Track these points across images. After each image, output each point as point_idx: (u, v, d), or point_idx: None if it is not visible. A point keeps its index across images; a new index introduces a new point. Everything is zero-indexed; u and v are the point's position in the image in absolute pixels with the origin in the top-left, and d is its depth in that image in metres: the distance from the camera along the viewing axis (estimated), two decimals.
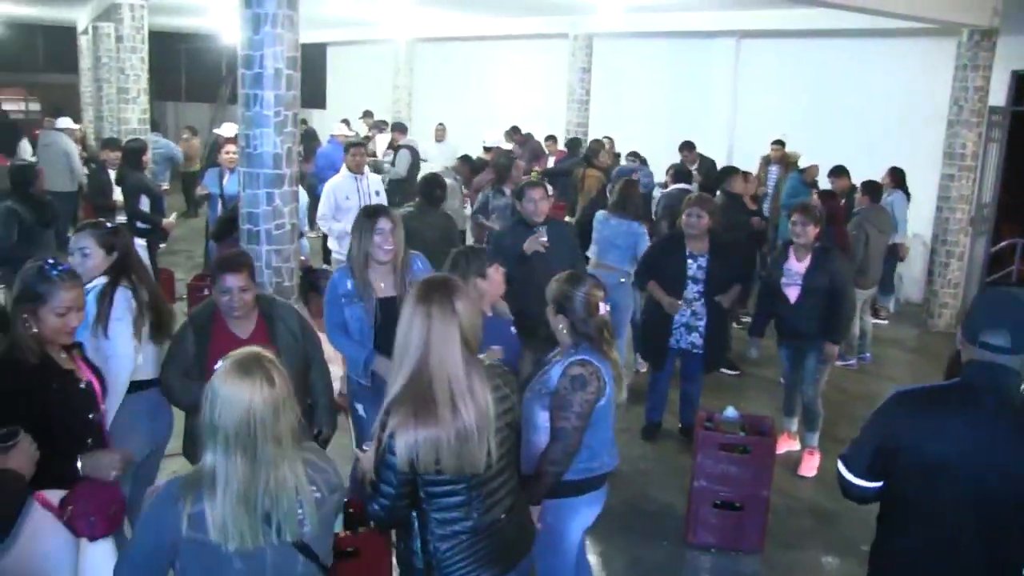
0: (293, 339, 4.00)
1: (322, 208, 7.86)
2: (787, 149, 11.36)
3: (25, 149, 13.64)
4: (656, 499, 5.78)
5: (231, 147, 9.20)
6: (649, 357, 6.70)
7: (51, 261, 3.16)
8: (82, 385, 3.20)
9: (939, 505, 2.72)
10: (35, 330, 3.05)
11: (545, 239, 5.77)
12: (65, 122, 12.84)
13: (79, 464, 3.02)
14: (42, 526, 2.89)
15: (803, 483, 6.07)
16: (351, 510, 3.87)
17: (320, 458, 2.56)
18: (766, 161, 11.54)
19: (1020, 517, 2.65)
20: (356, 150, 8.15)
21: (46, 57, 25.16)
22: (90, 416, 3.18)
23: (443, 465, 2.68)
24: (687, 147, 11.35)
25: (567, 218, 10.30)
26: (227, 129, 11.16)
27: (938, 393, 2.83)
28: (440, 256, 4.80)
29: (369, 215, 4.47)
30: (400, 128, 13.83)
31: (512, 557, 2.94)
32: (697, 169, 10.83)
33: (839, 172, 9.31)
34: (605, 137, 13.38)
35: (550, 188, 7.31)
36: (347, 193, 7.78)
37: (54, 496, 2.91)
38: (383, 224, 4.38)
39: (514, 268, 5.25)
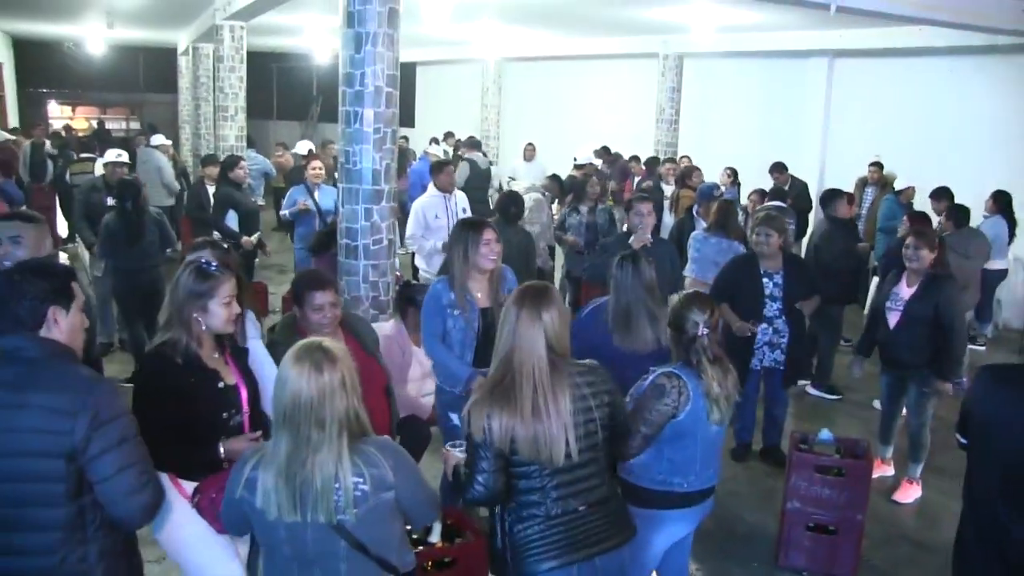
0: (377, 346, 4.18)
1: (411, 228, 7.96)
2: (883, 171, 11.14)
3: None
4: (747, 520, 5.72)
5: (316, 163, 9.46)
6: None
7: (204, 260, 3.41)
8: (221, 385, 3.35)
9: (977, 464, 3.20)
10: (204, 327, 3.29)
11: (649, 237, 6.03)
12: (158, 139, 13.38)
13: (221, 448, 3.23)
14: (177, 510, 3.19)
15: (899, 510, 5.93)
16: (448, 521, 3.92)
17: (387, 455, 2.64)
18: (862, 183, 11.34)
19: None
20: (447, 169, 8.26)
21: (147, 78, 26.17)
22: (224, 415, 3.33)
23: (519, 449, 2.87)
24: (778, 168, 11.21)
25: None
26: (301, 147, 11.46)
27: (1014, 369, 3.29)
28: (518, 271, 4.97)
29: (474, 226, 4.63)
30: (471, 144, 13.85)
31: (591, 549, 3.02)
32: (788, 190, 10.69)
33: (940, 195, 9.00)
34: (684, 157, 13.34)
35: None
36: (436, 212, 7.90)
37: (188, 486, 3.18)
38: (489, 235, 4.54)
39: None
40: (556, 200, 10.14)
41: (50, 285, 2.61)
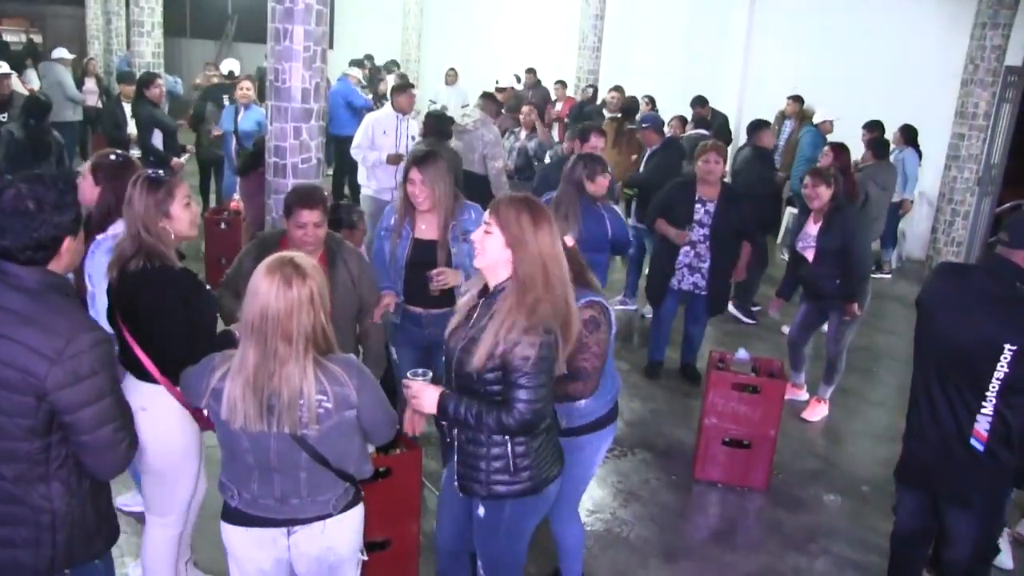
0: (350, 282, 4.10)
1: (357, 138, 8.01)
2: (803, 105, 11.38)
3: (30, 78, 13.53)
4: (666, 435, 5.98)
5: (246, 83, 9.29)
6: (651, 295, 6.86)
7: (150, 172, 3.41)
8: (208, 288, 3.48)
9: (921, 351, 3.66)
10: (173, 234, 3.33)
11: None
12: (60, 52, 12.93)
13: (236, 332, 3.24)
14: (175, 422, 3.35)
15: (808, 427, 6.26)
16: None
17: (352, 375, 2.67)
18: (781, 116, 11.58)
19: (971, 376, 3.39)
20: (410, 92, 8.25)
21: None
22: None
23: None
24: (699, 103, 11.29)
25: None
26: (226, 66, 11.18)
27: (959, 266, 3.99)
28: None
29: (409, 162, 4.54)
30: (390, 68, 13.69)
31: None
32: (711, 121, 10.85)
33: (873, 127, 9.18)
34: (615, 87, 13.41)
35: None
36: (385, 128, 7.92)
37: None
38: (413, 175, 4.40)
39: None
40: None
41: (70, 216, 2.52)
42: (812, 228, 6.11)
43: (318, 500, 2.79)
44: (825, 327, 6.38)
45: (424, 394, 2.95)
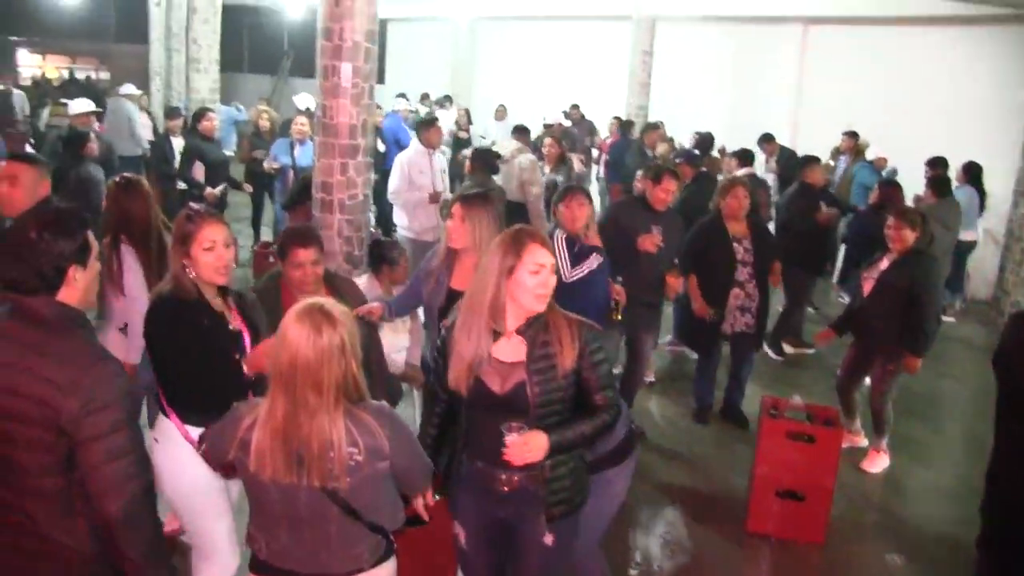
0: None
1: (394, 182, 7.87)
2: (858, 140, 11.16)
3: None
4: (715, 484, 5.75)
5: (301, 119, 9.36)
6: (699, 342, 6.64)
7: (193, 206, 3.37)
8: (231, 327, 3.33)
9: (1005, 414, 3.36)
10: (192, 274, 3.24)
11: (659, 239, 5.79)
12: (128, 88, 13.22)
13: (244, 365, 3.25)
14: (185, 456, 3.21)
15: (868, 479, 5.97)
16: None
17: (383, 424, 2.58)
18: (836, 152, 11.37)
19: None
20: (436, 127, 8.16)
21: (118, 27, 25.57)
22: (237, 357, 3.30)
23: None
24: (766, 139, 11.17)
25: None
26: (302, 100, 11.20)
27: None
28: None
29: (455, 198, 4.37)
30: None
31: None
32: (776, 160, 10.67)
33: (936, 163, 8.91)
34: (658, 122, 13.34)
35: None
36: (420, 168, 7.82)
37: (195, 432, 3.10)
38: (456, 210, 4.24)
39: (624, 246, 5.56)
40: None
41: (74, 245, 2.48)
42: (883, 263, 5.86)
43: (350, 554, 2.67)
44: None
45: (533, 441, 2.90)
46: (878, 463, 6.08)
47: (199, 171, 8.96)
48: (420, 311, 4.81)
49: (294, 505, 2.57)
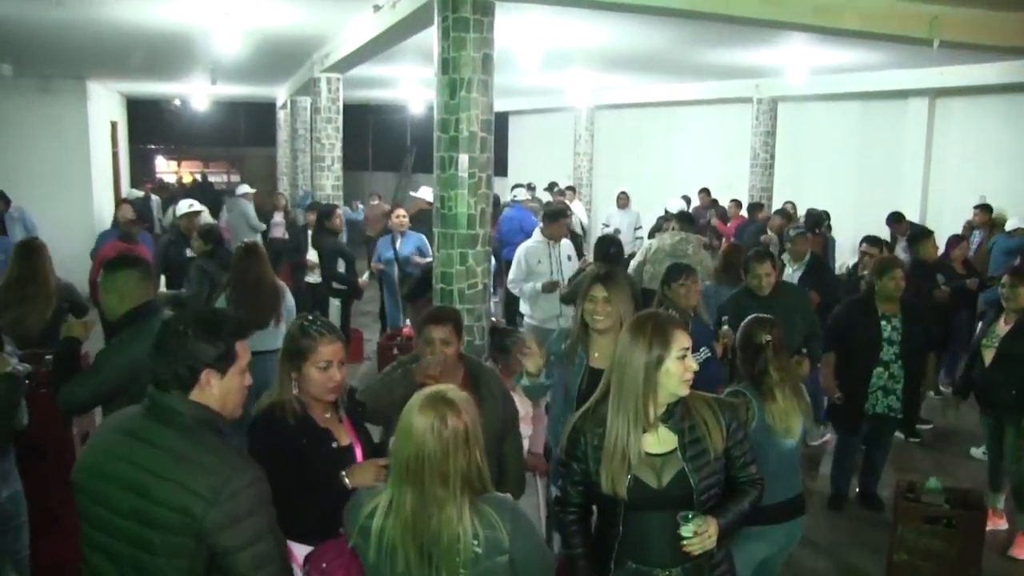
0: (495, 403, 3.95)
1: (513, 272, 7.90)
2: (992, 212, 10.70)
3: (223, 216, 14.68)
4: (852, 571, 5.43)
5: (400, 211, 9.56)
6: (841, 421, 6.36)
7: (310, 318, 3.27)
8: (334, 445, 3.22)
9: None
10: (296, 391, 3.17)
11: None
12: (243, 188, 14.36)
13: (346, 479, 3.09)
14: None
15: (1016, 567, 5.50)
16: None
17: (505, 518, 2.49)
18: (969, 226, 10.90)
19: None
20: (560, 223, 8.18)
21: (247, 132, 27.10)
22: (341, 475, 3.14)
23: None
24: (896, 219, 10.79)
25: None
26: (423, 192, 11.44)
27: None
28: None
29: (593, 280, 4.28)
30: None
31: None
32: (908, 239, 10.28)
33: None
34: (788, 203, 13.08)
35: None
36: (539, 258, 7.82)
37: (298, 550, 2.98)
38: (596, 291, 4.17)
39: None
40: None
41: (214, 350, 2.48)
42: (1001, 328, 5.64)
43: None
44: None
45: (712, 528, 2.87)
46: None
47: (340, 268, 9.26)
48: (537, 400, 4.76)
49: None
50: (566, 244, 8.16)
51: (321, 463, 3.13)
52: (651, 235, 9.09)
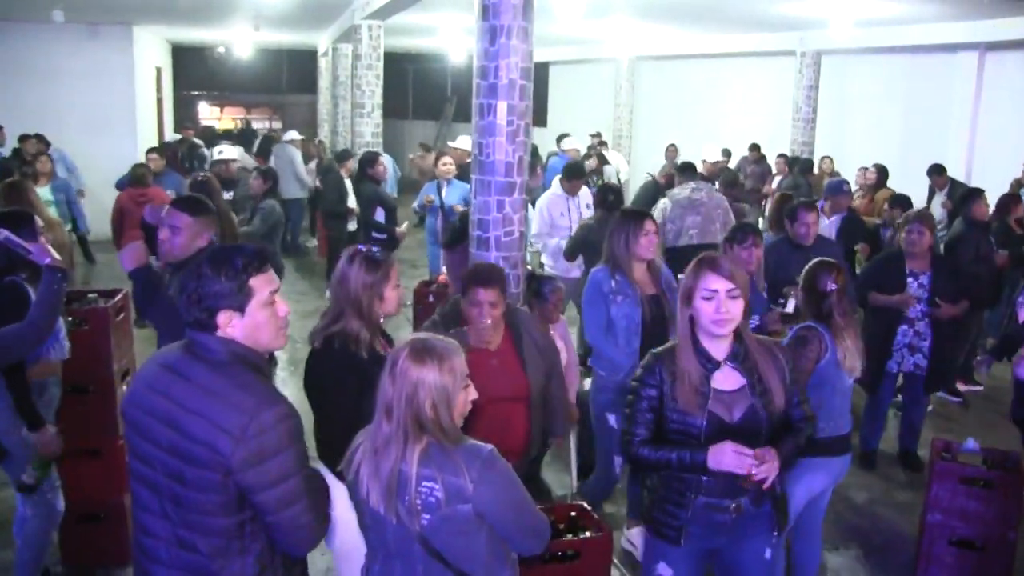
0: (537, 350, 4.03)
1: (536, 226, 7.97)
2: None
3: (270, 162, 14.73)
4: (884, 531, 5.48)
5: (446, 158, 9.59)
6: (863, 380, 6.33)
7: (367, 248, 3.45)
8: None
9: None
10: (381, 315, 3.39)
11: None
12: (291, 134, 14.31)
13: None
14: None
15: None
16: (572, 514, 3.85)
17: (471, 466, 2.45)
18: (1017, 184, 10.71)
19: None
20: (578, 182, 8.27)
21: (289, 79, 27.20)
22: None
23: None
24: (937, 171, 10.54)
25: None
26: (461, 142, 11.48)
27: None
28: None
29: (636, 216, 4.84)
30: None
31: None
32: (948, 194, 10.12)
33: None
34: (825, 157, 12.95)
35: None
36: (561, 210, 7.91)
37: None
38: (649, 226, 4.74)
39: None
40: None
41: (226, 290, 2.41)
42: None
43: None
44: None
45: (773, 458, 2.99)
46: None
47: (380, 215, 9.32)
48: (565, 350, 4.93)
49: (383, 535, 2.54)
50: (584, 193, 8.24)
51: None
52: (663, 194, 8.90)
